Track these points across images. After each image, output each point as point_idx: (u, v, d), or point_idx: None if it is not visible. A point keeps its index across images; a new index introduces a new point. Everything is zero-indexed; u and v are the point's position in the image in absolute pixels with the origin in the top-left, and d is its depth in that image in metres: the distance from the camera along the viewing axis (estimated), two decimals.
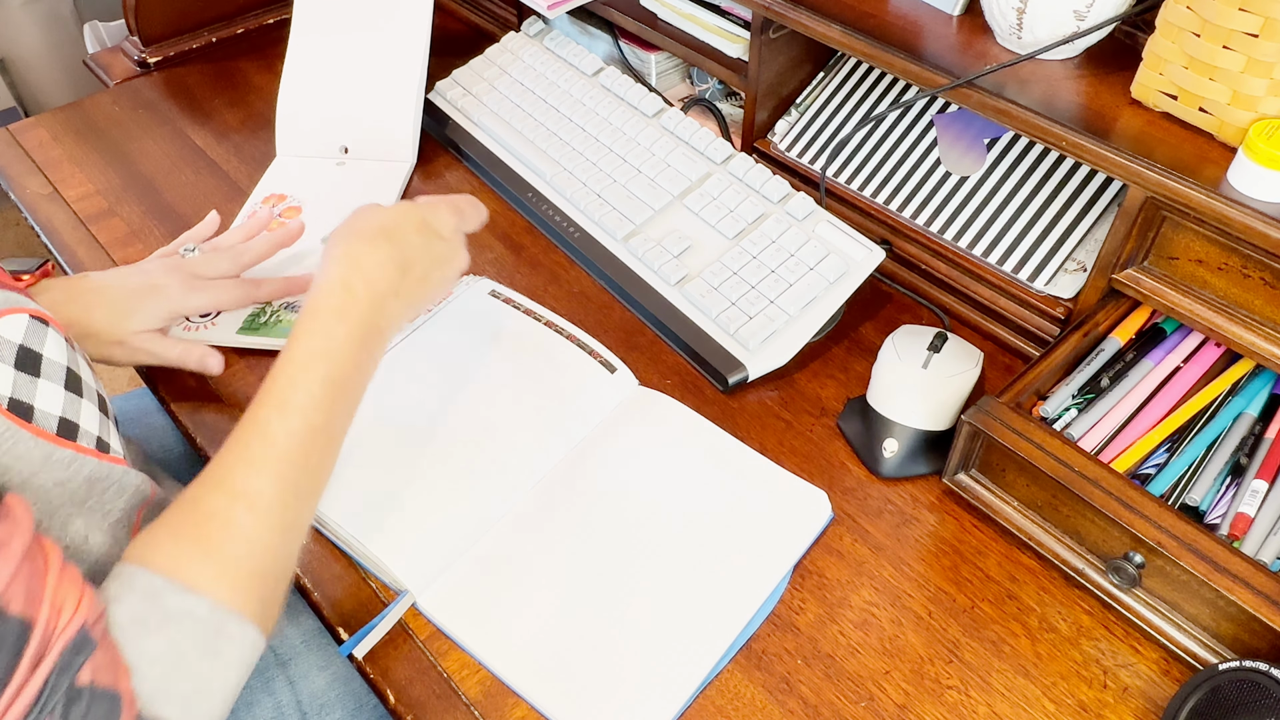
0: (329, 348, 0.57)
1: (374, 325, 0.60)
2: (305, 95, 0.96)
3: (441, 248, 0.65)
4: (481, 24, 1.14)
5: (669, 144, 0.87)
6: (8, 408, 0.48)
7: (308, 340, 0.57)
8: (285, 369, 0.56)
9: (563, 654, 0.59)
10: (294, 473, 0.54)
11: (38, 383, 0.50)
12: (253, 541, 0.51)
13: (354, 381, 0.58)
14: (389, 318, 0.61)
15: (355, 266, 0.60)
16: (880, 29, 0.75)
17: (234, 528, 0.51)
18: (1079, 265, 0.74)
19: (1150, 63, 0.64)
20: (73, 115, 1.03)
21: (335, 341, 0.58)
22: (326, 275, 0.60)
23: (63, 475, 0.51)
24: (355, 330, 0.58)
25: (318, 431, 0.55)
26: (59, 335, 0.53)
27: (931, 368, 0.69)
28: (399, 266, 0.61)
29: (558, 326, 0.77)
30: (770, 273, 0.76)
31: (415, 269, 0.63)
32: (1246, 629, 0.55)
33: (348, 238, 0.62)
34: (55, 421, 0.51)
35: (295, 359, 0.56)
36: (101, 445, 0.54)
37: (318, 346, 0.57)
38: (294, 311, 0.79)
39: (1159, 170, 0.61)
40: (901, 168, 0.82)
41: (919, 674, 0.58)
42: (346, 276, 0.60)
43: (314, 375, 0.56)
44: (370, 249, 0.61)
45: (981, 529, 0.65)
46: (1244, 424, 0.65)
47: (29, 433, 0.49)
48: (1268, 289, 0.61)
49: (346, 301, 0.59)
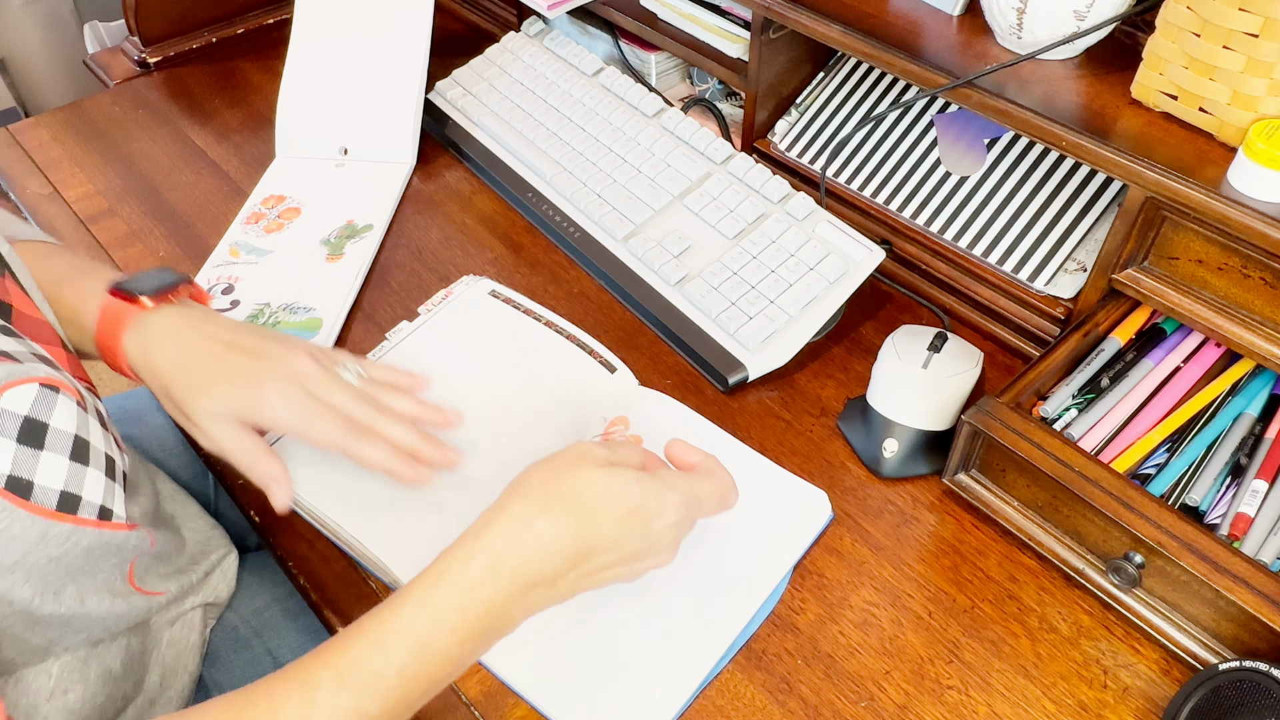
0: (430, 636, 0.47)
1: (504, 615, 0.49)
2: (305, 96, 0.96)
3: (642, 544, 0.51)
4: (481, 24, 1.14)
5: (669, 144, 0.87)
6: (5, 486, 0.46)
7: (413, 613, 0.47)
8: (371, 633, 0.47)
9: (563, 654, 0.59)
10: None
11: (40, 455, 0.48)
12: None
13: (441, 676, 0.48)
14: (526, 609, 0.50)
15: (518, 541, 0.49)
16: (880, 29, 0.75)
17: None
18: (1079, 265, 0.74)
19: (1150, 63, 0.64)
20: (73, 115, 1.03)
21: (441, 630, 0.47)
22: (477, 538, 0.49)
23: (58, 551, 0.49)
24: (473, 622, 0.48)
25: None
26: (70, 401, 0.50)
27: (931, 368, 0.69)
28: (574, 557, 0.50)
29: (558, 327, 0.77)
30: (770, 273, 0.76)
31: (593, 562, 0.50)
32: (1247, 629, 0.55)
33: (529, 496, 0.50)
34: (56, 496, 0.48)
35: (388, 628, 0.47)
36: (104, 513, 0.51)
37: (420, 627, 0.47)
38: (292, 313, 0.79)
39: (1159, 170, 0.61)
40: (901, 168, 0.82)
41: (919, 674, 0.58)
42: (499, 551, 0.49)
43: (394, 661, 0.46)
44: (549, 527, 0.49)
45: (981, 529, 0.65)
46: (1244, 424, 0.65)
47: (25, 511, 0.46)
48: (1268, 289, 0.61)
49: (483, 581, 0.48)
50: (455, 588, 0.48)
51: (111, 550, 0.53)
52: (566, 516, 0.49)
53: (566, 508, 0.50)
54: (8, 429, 0.47)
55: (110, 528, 0.52)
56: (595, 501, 0.50)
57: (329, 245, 0.86)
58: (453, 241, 0.87)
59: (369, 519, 0.63)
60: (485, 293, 0.80)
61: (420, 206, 0.91)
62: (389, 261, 0.85)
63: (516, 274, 0.84)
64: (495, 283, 0.81)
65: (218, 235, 0.87)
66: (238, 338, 0.60)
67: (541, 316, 0.78)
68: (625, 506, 0.50)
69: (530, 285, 0.83)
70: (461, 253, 0.86)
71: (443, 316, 0.78)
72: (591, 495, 0.50)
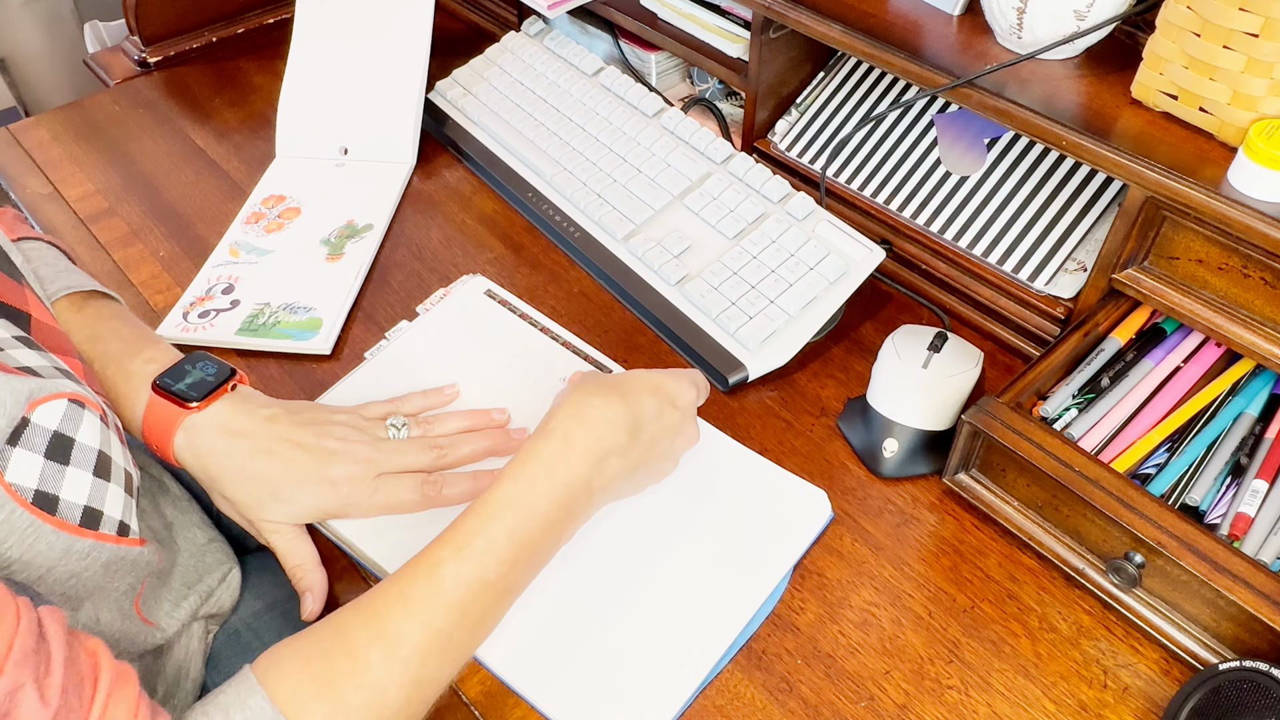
0: (527, 500, 0.55)
1: (587, 483, 0.57)
2: (306, 96, 0.96)
3: (674, 416, 0.61)
4: (481, 24, 1.14)
5: (669, 144, 0.87)
6: (33, 501, 0.46)
7: (510, 485, 0.55)
8: (478, 509, 0.54)
9: (563, 654, 0.59)
10: (450, 624, 0.51)
11: (66, 471, 0.48)
12: (378, 690, 0.48)
13: (544, 542, 0.56)
14: (606, 478, 0.58)
15: (581, 418, 0.58)
16: (880, 28, 0.75)
17: (364, 673, 0.48)
18: (1079, 265, 0.74)
19: (1150, 62, 0.64)
20: (73, 115, 1.03)
21: (536, 494, 0.55)
22: (549, 422, 0.58)
23: (79, 566, 0.49)
24: (562, 487, 0.56)
25: (488, 586, 0.53)
26: (94, 416, 0.51)
27: (932, 367, 0.69)
28: (629, 427, 0.59)
29: (553, 333, 0.76)
30: (770, 272, 0.76)
31: (645, 433, 0.60)
32: (1247, 629, 0.55)
33: (579, 387, 0.60)
34: (80, 511, 0.49)
35: (490, 501, 0.55)
36: (122, 529, 0.52)
37: (517, 493, 0.55)
38: (293, 313, 0.79)
39: (1159, 170, 0.61)
40: (902, 167, 0.82)
41: (919, 674, 0.58)
42: (569, 427, 0.57)
43: (502, 525, 0.54)
44: (602, 402, 0.59)
45: (982, 529, 0.65)
46: (1244, 424, 0.65)
47: (51, 526, 0.47)
48: (1268, 289, 0.61)
49: (562, 452, 0.57)
50: (540, 460, 0.56)
51: (126, 566, 0.54)
52: (613, 393, 0.59)
53: (610, 388, 0.60)
54: (36, 444, 0.46)
55: (126, 544, 0.53)
56: (630, 383, 0.61)
57: (329, 245, 0.86)
58: (453, 241, 0.87)
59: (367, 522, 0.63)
60: (481, 292, 0.80)
61: (420, 206, 0.91)
62: (389, 261, 0.85)
63: (517, 274, 0.84)
64: (491, 282, 0.81)
65: (218, 235, 0.87)
66: (294, 433, 0.61)
67: (537, 322, 0.77)
68: (652, 383, 0.61)
69: (530, 285, 0.83)
70: (461, 253, 0.86)
71: (437, 316, 0.78)
72: (626, 380, 0.61)
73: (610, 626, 0.60)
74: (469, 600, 0.52)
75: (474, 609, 0.52)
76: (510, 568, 0.54)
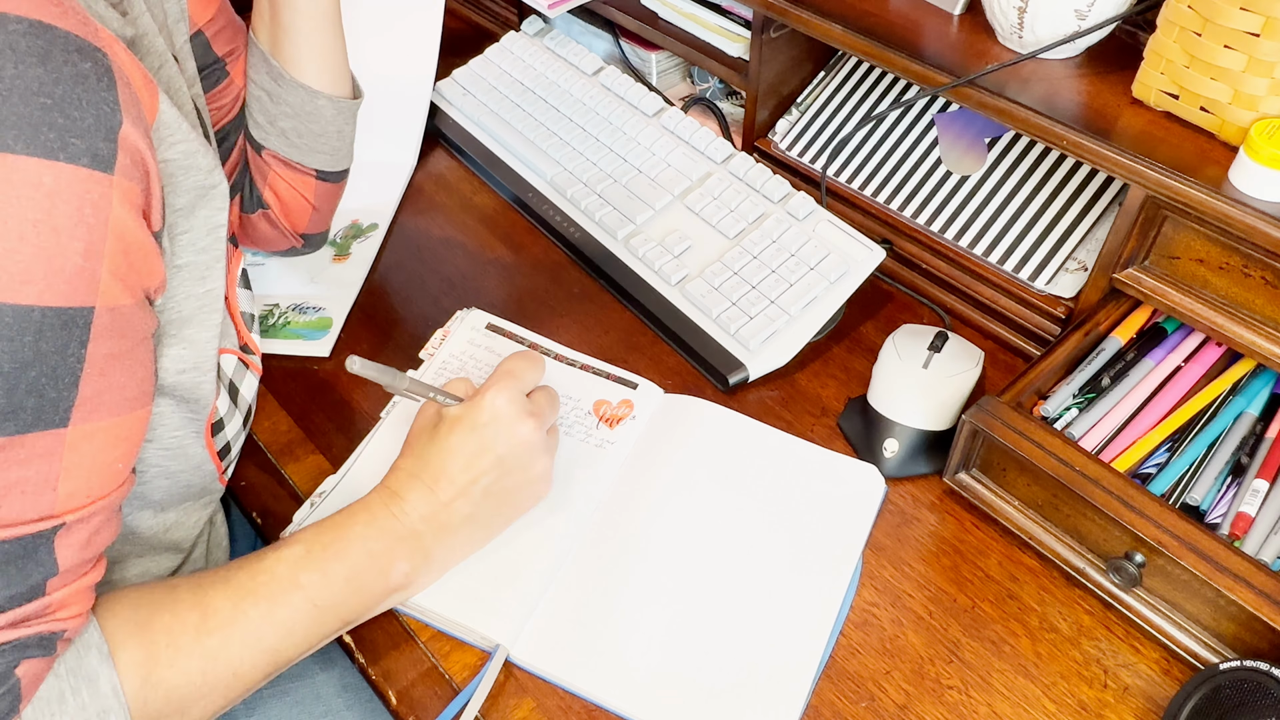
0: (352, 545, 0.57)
1: (413, 535, 0.58)
2: None
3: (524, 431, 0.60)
4: (482, 23, 1.14)
5: (669, 143, 0.87)
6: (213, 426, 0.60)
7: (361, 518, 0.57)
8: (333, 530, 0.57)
9: (667, 677, 0.57)
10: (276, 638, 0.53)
11: (235, 413, 0.63)
12: None
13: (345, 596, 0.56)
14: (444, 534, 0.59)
15: (438, 468, 0.59)
16: (881, 28, 0.75)
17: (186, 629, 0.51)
18: (1080, 265, 0.74)
19: (1151, 62, 0.64)
20: None
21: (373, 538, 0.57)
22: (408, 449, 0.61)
23: (196, 480, 0.61)
24: (391, 541, 0.57)
25: (319, 610, 0.54)
26: (254, 378, 0.67)
27: (932, 367, 0.69)
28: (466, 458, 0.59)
29: (567, 359, 0.74)
30: (771, 272, 0.76)
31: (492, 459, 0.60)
32: (1247, 628, 0.55)
33: (440, 426, 0.60)
34: (224, 443, 0.62)
35: (338, 525, 0.57)
36: (226, 468, 0.65)
37: (354, 533, 0.57)
38: (302, 314, 0.79)
39: (1160, 170, 0.61)
40: (902, 167, 0.82)
41: (919, 674, 0.58)
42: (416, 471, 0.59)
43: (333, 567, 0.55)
44: (454, 439, 0.59)
45: (982, 528, 0.65)
46: (1245, 423, 0.65)
47: (209, 453, 0.61)
48: (1269, 288, 0.61)
49: (394, 508, 0.58)
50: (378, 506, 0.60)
51: (202, 494, 0.63)
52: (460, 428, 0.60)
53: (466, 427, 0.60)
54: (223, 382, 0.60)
55: (221, 482, 0.64)
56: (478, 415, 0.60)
57: (336, 245, 0.86)
58: (453, 241, 0.87)
59: (440, 584, 0.62)
60: (482, 327, 0.77)
61: (421, 206, 0.91)
62: (390, 261, 0.85)
63: (517, 274, 0.84)
64: (490, 315, 0.78)
65: None
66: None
67: (550, 351, 0.75)
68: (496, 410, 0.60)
69: (531, 285, 0.83)
70: (462, 252, 0.86)
71: (441, 360, 0.75)
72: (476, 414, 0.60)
73: (706, 642, 0.59)
74: (292, 618, 0.54)
75: (297, 629, 0.54)
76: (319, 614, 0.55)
